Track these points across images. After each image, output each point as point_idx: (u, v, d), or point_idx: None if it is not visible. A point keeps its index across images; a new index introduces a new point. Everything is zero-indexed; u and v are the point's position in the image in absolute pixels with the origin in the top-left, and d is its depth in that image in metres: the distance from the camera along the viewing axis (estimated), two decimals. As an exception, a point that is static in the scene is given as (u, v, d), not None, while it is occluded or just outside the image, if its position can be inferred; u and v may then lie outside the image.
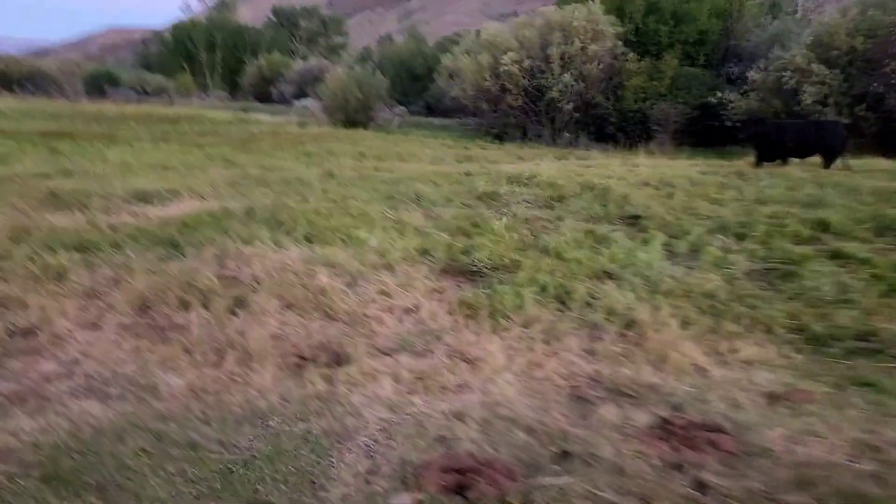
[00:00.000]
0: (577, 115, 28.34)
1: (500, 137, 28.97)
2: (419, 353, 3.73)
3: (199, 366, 3.55)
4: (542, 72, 27.98)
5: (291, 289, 4.70)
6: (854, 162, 12.25)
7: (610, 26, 27.80)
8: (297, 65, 59.12)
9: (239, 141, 20.06)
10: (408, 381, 3.39)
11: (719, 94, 22.63)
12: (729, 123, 22.48)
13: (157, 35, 70.76)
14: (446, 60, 30.78)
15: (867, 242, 5.90)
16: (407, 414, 3.06)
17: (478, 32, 34.48)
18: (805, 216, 6.92)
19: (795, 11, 32.59)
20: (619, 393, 3.26)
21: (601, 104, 27.97)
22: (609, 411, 3.04)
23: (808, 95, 19.36)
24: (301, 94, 51.56)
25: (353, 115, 30.97)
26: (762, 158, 12.63)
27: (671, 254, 5.80)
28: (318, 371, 3.45)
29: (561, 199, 8.52)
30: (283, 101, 51.81)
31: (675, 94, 26.36)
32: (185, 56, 61.26)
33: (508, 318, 4.19)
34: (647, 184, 9.63)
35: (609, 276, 5.02)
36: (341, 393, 3.25)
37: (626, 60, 27.92)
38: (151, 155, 14.66)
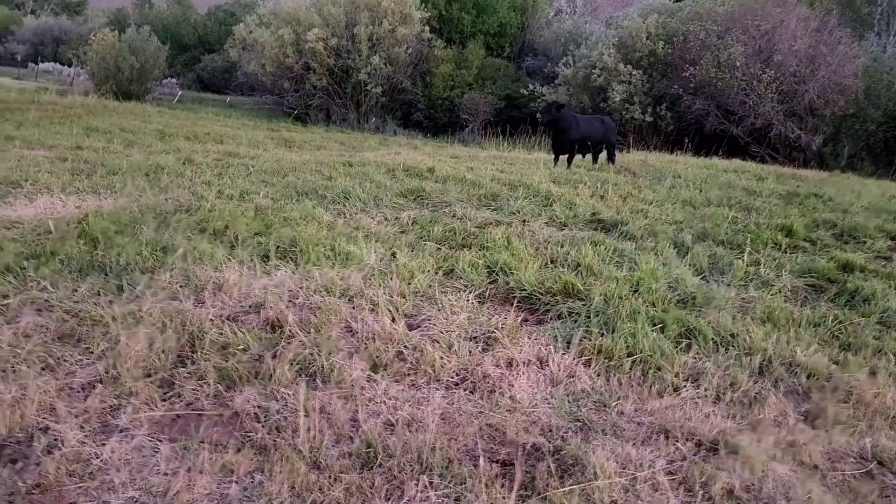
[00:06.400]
0: (383, 99, 27.61)
1: (300, 119, 27.27)
2: (623, 437, 2.77)
3: (378, 493, 2.25)
4: (349, 52, 26.78)
5: (353, 339, 3.41)
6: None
7: (416, 10, 27.41)
8: (31, 22, 51.10)
9: (-6, 110, 16.38)
10: (674, 489, 2.44)
11: (531, 87, 23.29)
12: (539, 117, 23.25)
13: None
14: (240, 31, 28.14)
15: (854, 252, 5.97)
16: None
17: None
18: (762, 222, 6.93)
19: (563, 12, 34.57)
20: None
21: (409, 90, 27.53)
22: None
23: (617, 93, 20.56)
24: (39, 57, 44.56)
25: (126, 86, 27.17)
26: (558, 151, 11.62)
27: (691, 268, 5.34)
28: (559, 493, 2.35)
29: (494, 198, 7.76)
30: (15, 62, 44.32)
31: (482, 85, 26.78)
32: None
33: (661, 369, 3.36)
34: (556, 181, 9.22)
35: (686, 301, 4.38)
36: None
37: (434, 47, 27.78)
38: None
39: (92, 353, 3.03)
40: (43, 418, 2.49)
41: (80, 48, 29.59)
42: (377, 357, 3.23)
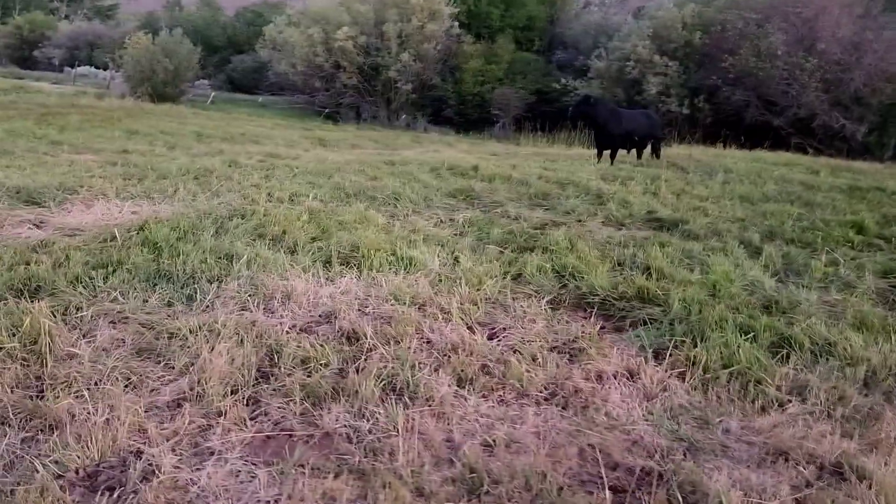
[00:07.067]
0: (413, 96, 27.52)
1: (332, 118, 27.28)
2: (735, 458, 2.60)
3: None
4: (378, 49, 26.74)
5: (431, 350, 3.29)
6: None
7: (445, 6, 27.27)
8: (66, 27, 51.90)
9: (37, 114, 16.62)
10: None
11: (563, 81, 23.01)
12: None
13: None
14: (270, 31, 28.24)
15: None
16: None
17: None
18: (829, 218, 6.67)
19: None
20: None
21: (439, 86, 27.40)
22: None
23: (652, 85, 20.21)
24: (75, 61, 45.27)
25: (161, 88, 27.44)
26: (600, 147, 11.43)
27: (764, 269, 5.12)
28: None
29: (545, 196, 7.59)
30: (52, 67, 45.13)
31: (513, 79, 26.54)
32: None
33: (761, 382, 3.18)
34: (604, 178, 9.02)
35: (770, 307, 4.18)
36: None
37: (463, 42, 27.62)
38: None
39: (173, 368, 2.94)
40: (133, 441, 2.39)
41: (115, 51, 29.94)
42: (462, 371, 3.09)
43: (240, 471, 2.32)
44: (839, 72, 18.22)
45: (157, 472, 2.23)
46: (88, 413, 2.50)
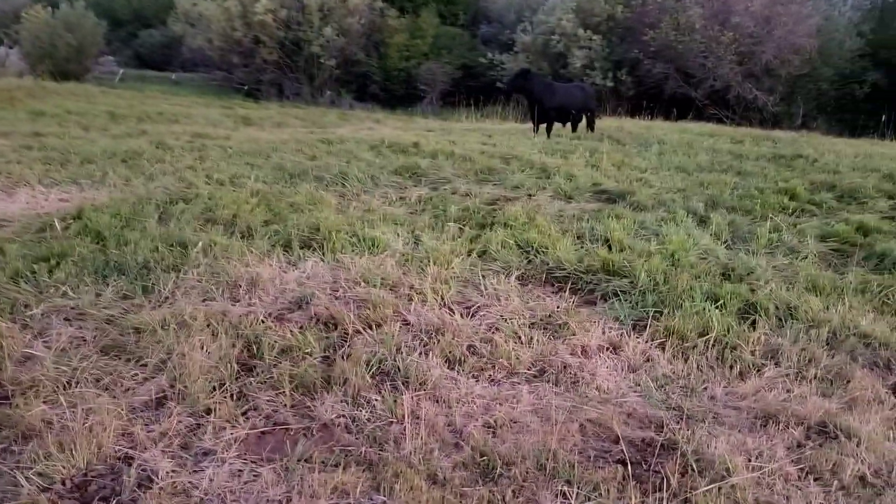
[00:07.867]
0: (337, 72, 26.92)
1: (252, 95, 26.39)
2: (727, 424, 2.66)
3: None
4: (300, 24, 25.94)
5: (412, 332, 3.22)
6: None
7: (367, -22, 26.67)
8: (-52, -1, 48.12)
9: (-73, 95, 15.39)
10: (804, 480, 2.34)
11: (489, 55, 22.99)
12: (500, 85, 22.91)
13: None
14: (183, 4, 26.94)
15: (861, 213, 6.01)
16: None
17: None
18: (763, 186, 6.93)
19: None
20: None
21: (364, 61, 26.88)
22: None
23: (577, 59, 20.47)
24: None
25: (63, 66, 25.81)
26: (536, 120, 11.61)
27: (714, 237, 5.28)
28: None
29: (490, 171, 7.57)
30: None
31: (438, 54, 26.32)
32: None
33: (736, 348, 3.27)
34: (545, 152, 9.08)
35: (729, 274, 4.30)
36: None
37: (387, 16, 27.14)
38: None
39: (146, 366, 2.76)
40: (120, 446, 2.24)
41: (10, 26, 27.90)
42: (450, 353, 3.04)
43: (241, 470, 2.21)
44: (752, 45, 18.93)
45: (153, 477, 2.09)
46: (66, 419, 2.32)
